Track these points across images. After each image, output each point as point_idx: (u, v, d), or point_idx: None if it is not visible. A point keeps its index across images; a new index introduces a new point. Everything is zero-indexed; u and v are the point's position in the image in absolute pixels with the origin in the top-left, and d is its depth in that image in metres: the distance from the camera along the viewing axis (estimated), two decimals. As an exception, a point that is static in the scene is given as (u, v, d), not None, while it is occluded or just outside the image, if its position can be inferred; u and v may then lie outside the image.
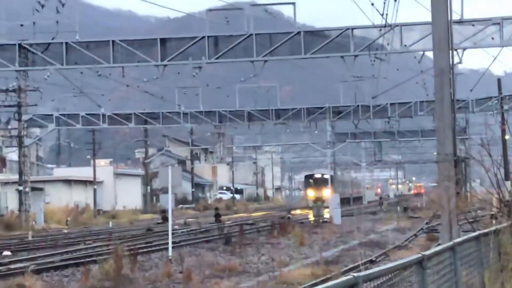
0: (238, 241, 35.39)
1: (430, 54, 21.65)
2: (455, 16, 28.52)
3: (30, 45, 39.18)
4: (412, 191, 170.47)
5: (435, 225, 40.45)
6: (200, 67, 38.78)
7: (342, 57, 38.01)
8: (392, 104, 64.23)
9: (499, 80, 60.87)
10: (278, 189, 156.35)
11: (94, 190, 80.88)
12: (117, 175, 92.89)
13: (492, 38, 36.56)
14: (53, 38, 39.07)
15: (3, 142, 70.68)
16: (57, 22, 39.45)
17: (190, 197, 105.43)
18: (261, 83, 62.37)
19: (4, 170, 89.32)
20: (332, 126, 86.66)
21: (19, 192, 58.54)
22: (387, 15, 33.27)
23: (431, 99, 50.32)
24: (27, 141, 60.16)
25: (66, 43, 38.69)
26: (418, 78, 50.44)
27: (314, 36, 38.15)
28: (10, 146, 66.26)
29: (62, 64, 38.89)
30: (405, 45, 37.13)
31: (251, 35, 37.61)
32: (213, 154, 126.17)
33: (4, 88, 59.83)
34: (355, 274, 6.90)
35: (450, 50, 17.98)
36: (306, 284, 19.74)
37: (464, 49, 36.55)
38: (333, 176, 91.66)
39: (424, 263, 9.50)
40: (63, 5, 40.16)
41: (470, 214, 19.94)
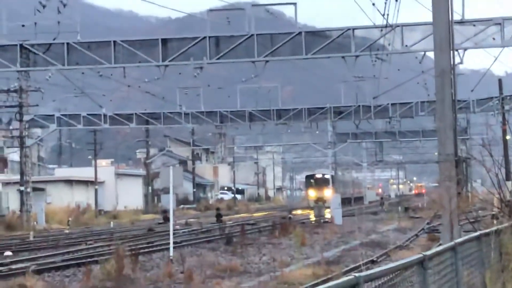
0: (239, 241, 35.40)
1: (431, 55, 21.67)
2: (456, 17, 28.52)
3: (32, 46, 39.21)
4: (413, 191, 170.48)
5: (436, 225, 40.47)
6: (202, 68, 38.80)
7: (343, 58, 38.02)
8: (393, 105, 64.25)
9: (500, 81, 60.89)
10: (280, 189, 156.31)
11: (96, 190, 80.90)
12: (119, 175, 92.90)
13: (493, 39, 36.56)
14: (55, 39, 39.09)
15: (5, 143, 70.69)
16: (59, 23, 39.47)
17: (192, 197, 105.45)
18: (262, 84, 62.41)
19: (6, 171, 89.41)
20: (333, 126, 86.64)
21: (21, 192, 58.56)
22: (388, 15, 33.34)
23: (432, 100, 50.30)
24: (29, 142, 60.19)
25: (68, 44, 38.71)
26: (419, 79, 50.44)
27: (315, 37, 38.16)
28: (12, 147, 66.22)
29: (64, 65, 38.91)
30: (406, 46, 37.15)
31: (252, 36, 37.61)
32: (214, 154, 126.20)
33: (6, 89, 59.86)
34: (357, 274, 6.91)
35: (451, 51, 17.99)
36: (308, 284, 19.76)
37: (465, 50, 36.56)
38: (334, 176, 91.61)
39: (425, 263, 9.52)
40: (64, 6, 40.19)
41: (471, 214, 19.97)
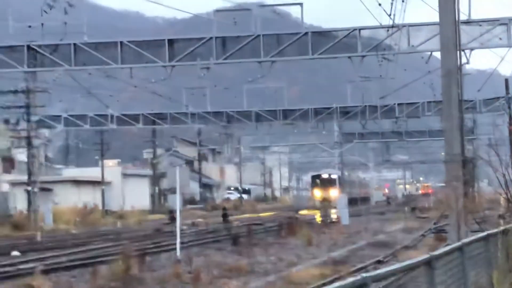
0: (246, 241, 35.42)
1: (438, 55, 21.66)
2: (463, 17, 28.50)
3: (39, 46, 39.26)
4: (420, 192, 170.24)
5: (443, 226, 40.44)
6: (208, 68, 38.80)
7: (350, 58, 37.99)
8: (400, 105, 64.15)
9: (507, 81, 60.77)
10: (286, 190, 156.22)
11: (102, 191, 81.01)
12: (125, 176, 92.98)
13: (500, 39, 36.49)
14: (62, 39, 39.14)
15: (12, 143, 70.84)
16: (65, 23, 39.50)
17: (198, 198, 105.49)
18: (269, 84, 62.35)
19: (13, 171, 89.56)
20: (340, 127, 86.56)
21: (28, 193, 58.68)
22: (395, 16, 33.34)
23: (439, 100, 50.22)
24: (36, 142, 60.31)
25: (75, 44, 38.75)
26: (426, 79, 50.38)
27: (322, 37, 38.13)
28: (19, 147, 66.38)
29: (71, 65, 38.95)
30: (413, 46, 37.10)
31: (259, 36, 37.60)
32: (221, 155, 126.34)
33: (13, 89, 59.98)
34: (364, 275, 6.93)
35: (458, 51, 18.00)
36: (315, 285, 19.78)
37: (472, 50, 36.48)
38: (340, 176, 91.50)
39: (433, 264, 9.54)
40: (71, 6, 40.24)
41: (478, 214, 19.97)
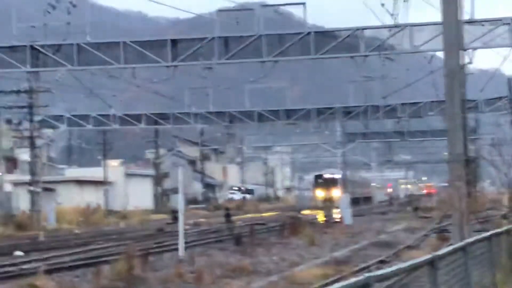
0: (249, 241, 35.42)
1: (440, 54, 21.66)
2: (465, 16, 28.48)
3: (42, 47, 39.30)
4: (423, 191, 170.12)
5: (446, 225, 40.42)
6: (210, 68, 38.85)
7: (352, 58, 37.99)
8: (402, 105, 64.13)
9: (510, 80, 60.78)
10: (289, 189, 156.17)
11: (105, 191, 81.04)
12: (128, 176, 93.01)
13: (503, 38, 36.47)
14: (64, 39, 39.19)
15: (15, 143, 70.92)
16: (68, 23, 39.56)
17: (201, 198, 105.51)
18: (271, 84, 62.37)
19: (16, 171, 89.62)
20: (342, 127, 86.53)
21: (31, 193, 58.74)
22: (397, 15, 33.37)
23: (441, 99, 50.20)
24: (39, 142, 60.36)
25: (77, 44, 38.78)
26: (428, 79, 50.33)
27: (324, 37, 38.13)
28: (22, 147, 66.43)
29: (73, 65, 38.98)
30: (415, 46, 37.09)
31: (261, 36, 37.60)
32: (224, 155, 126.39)
33: (16, 89, 60.02)
34: (367, 274, 6.94)
35: (460, 51, 18.00)
36: (317, 285, 19.79)
37: (474, 49, 36.47)
38: (343, 176, 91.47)
39: (436, 264, 9.54)
40: (74, 6, 40.29)
41: (481, 214, 19.97)
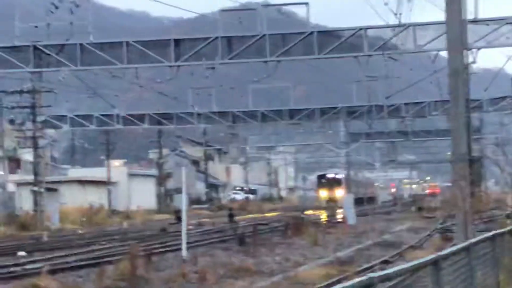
0: (252, 241, 35.39)
1: (444, 54, 21.59)
2: (469, 16, 28.41)
3: (45, 47, 39.26)
4: (426, 191, 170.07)
5: (450, 225, 40.34)
6: (214, 68, 38.77)
7: (356, 57, 37.92)
8: (406, 104, 64.00)
9: (514, 80, 60.62)
10: (292, 190, 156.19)
11: (108, 191, 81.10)
12: (131, 176, 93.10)
13: (507, 38, 36.38)
14: (67, 40, 39.14)
15: (18, 143, 70.98)
16: (71, 24, 39.51)
17: (204, 198, 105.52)
18: (275, 84, 62.27)
19: (19, 171, 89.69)
20: (346, 126, 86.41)
21: (34, 193, 58.78)
22: (401, 15, 33.30)
23: (445, 99, 50.16)
24: (42, 142, 60.38)
25: (80, 44, 38.75)
26: (432, 78, 50.28)
27: (328, 36, 38.05)
28: (25, 147, 66.46)
29: (76, 65, 38.94)
30: (419, 45, 37.00)
31: (264, 36, 37.54)
32: (227, 155, 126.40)
33: (19, 89, 60.05)
34: (371, 275, 6.89)
35: (464, 50, 17.94)
36: (321, 285, 19.74)
37: (478, 49, 36.37)
38: (346, 176, 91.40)
39: (439, 264, 9.49)
40: (77, 6, 40.24)
41: (485, 214, 19.90)
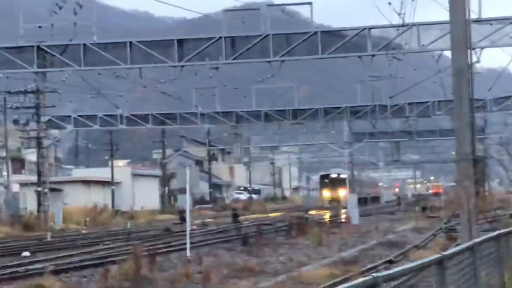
0: (256, 242, 35.38)
1: (448, 54, 21.60)
2: (473, 15, 28.39)
3: (48, 47, 39.32)
4: (430, 191, 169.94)
5: (454, 225, 40.31)
6: (217, 68, 38.79)
7: (360, 57, 37.90)
8: (410, 104, 63.94)
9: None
10: (296, 189, 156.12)
11: (112, 191, 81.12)
12: (135, 176, 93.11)
13: (511, 37, 36.35)
14: (71, 40, 39.19)
15: (22, 144, 71.01)
16: (75, 24, 39.54)
17: (208, 198, 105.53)
18: (278, 84, 62.27)
19: (23, 171, 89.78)
20: (350, 126, 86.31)
21: (38, 193, 58.80)
22: (405, 15, 33.28)
23: (449, 99, 50.12)
24: (46, 142, 60.40)
25: (84, 45, 38.80)
26: (436, 78, 50.24)
27: (331, 36, 38.05)
28: (29, 147, 66.47)
29: (80, 66, 39.01)
30: (423, 45, 36.98)
31: (268, 36, 37.56)
32: (230, 155, 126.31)
33: (23, 90, 60.08)
34: (375, 274, 6.88)
35: (468, 50, 17.91)
36: (325, 285, 19.72)
37: (482, 48, 36.35)
38: (350, 176, 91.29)
39: (444, 263, 9.47)
40: (81, 7, 40.27)
41: (489, 214, 19.89)
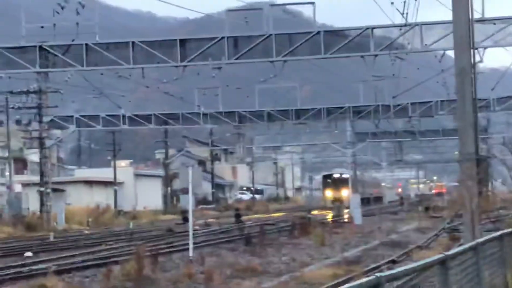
0: (259, 242, 35.35)
1: (451, 53, 21.52)
2: (476, 15, 28.32)
3: (51, 47, 39.28)
4: (433, 191, 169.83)
5: (457, 225, 40.26)
6: (220, 68, 38.74)
7: (362, 57, 37.84)
8: (413, 104, 63.84)
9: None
10: (299, 189, 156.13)
11: (115, 191, 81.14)
12: (138, 176, 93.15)
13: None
14: (73, 40, 39.15)
15: (24, 144, 71.06)
16: (77, 24, 39.50)
17: (211, 198, 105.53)
18: (281, 83, 62.23)
19: (25, 172, 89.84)
20: (352, 126, 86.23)
21: (41, 193, 58.82)
22: (407, 14, 33.21)
23: (452, 99, 50.05)
24: (48, 143, 60.41)
25: (86, 45, 38.76)
26: (439, 77, 50.18)
27: (334, 36, 37.99)
28: (31, 148, 66.53)
29: (82, 66, 38.96)
30: (426, 44, 36.90)
31: (271, 35, 37.51)
32: (233, 155, 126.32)
33: (25, 90, 60.10)
34: (378, 274, 6.85)
35: (471, 49, 17.86)
36: (328, 285, 19.68)
37: (485, 48, 36.28)
38: (352, 176, 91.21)
39: (447, 263, 9.44)
40: (83, 7, 40.23)
41: (493, 214, 19.84)
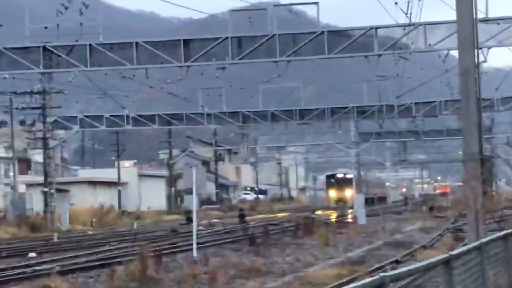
0: (263, 242, 35.34)
1: (455, 53, 21.51)
2: (480, 15, 28.29)
3: (54, 48, 39.31)
4: (438, 191, 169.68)
5: (461, 225, 40.21)
6: (224, 68, 38.73)
7: (366, 57, 37.81)
8: (417, 104, 63.82)
9: (525, 79, 60.37)
10: (303, 190, 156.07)
11: (119, 192, 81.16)
12: (141, 176, 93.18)
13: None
14: (77, 40, 39.17)
15: (28, 144, 71.12)
16: (81, 24, 39.52)
17: (214, 198, 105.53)
18: (285, 84, 62.21)
19: (29, 172, 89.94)
20: (356, 126, 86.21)
21: (44, 194, 58.86)
22: (411, 14, 33.18)
23: (456, 99, 50.01)
24: (52, 143, 60.46)
25: (90, 45, 38.77)
26: (443, 77, 50.14)
27: (338, 36, 37.97)
28: (35, 148, 66.58)
29: (86, 66, 38.98)
30: (430, 44, 36.86)
31: (274, 36, 37.50)
32: (237, 155, 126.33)
33: (29, 90, 60.16)
34: (382, 274, 6.84)
35: (475, 49, 17.83)
36: (332, 285, 19.66)
37: (489, 48, 36.23)
38: (356, 176, 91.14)
39: (451, 263, 9.42)
40: (87, 7, 40.25)
41: (497, 214, 19.82)
